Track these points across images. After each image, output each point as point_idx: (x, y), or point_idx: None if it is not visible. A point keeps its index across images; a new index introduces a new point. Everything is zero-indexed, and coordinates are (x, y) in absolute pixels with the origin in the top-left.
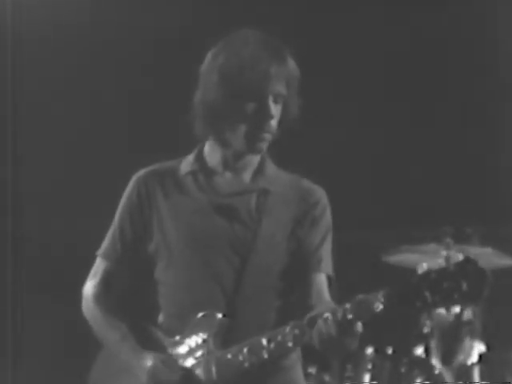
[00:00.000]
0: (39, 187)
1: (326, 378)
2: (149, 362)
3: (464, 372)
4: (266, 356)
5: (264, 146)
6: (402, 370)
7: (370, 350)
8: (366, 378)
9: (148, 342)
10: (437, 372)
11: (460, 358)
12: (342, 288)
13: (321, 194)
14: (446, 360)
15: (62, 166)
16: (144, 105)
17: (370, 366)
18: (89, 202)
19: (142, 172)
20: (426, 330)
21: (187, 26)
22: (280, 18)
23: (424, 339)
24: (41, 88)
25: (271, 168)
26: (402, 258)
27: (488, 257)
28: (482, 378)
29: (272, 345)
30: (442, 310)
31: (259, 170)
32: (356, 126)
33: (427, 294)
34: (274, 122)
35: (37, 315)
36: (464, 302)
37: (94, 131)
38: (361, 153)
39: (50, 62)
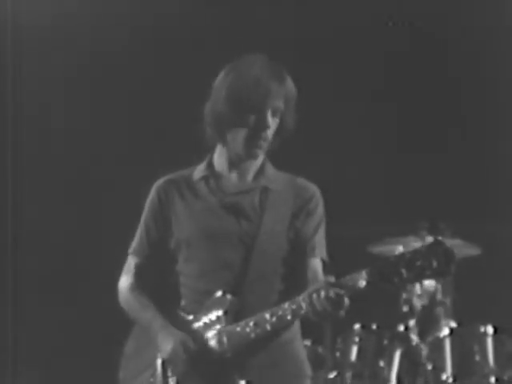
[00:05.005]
0: (39, 187)
1: (320, 349)
2: (169, 345)
3: (437, 344)
4: (269, 328)
5: (259, 152)
6: (385, 342)
7: (357, 326)
8: (354, 349)
9: (173, 319)
10: (414, 344)
11: (434, 332)
12: (334, 273)
13: (314, 189)
14: (422, 334)
15: (61, 166)
16: (143, 106)
17: (357, 339)
18: (88, 203)
19: (161, 180)
20: (405, 309)
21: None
22: (282, 42)
23: (404, 317)
24: (42, 87)
25: (270, 169)
26: (385, 248)
27: (457, 247)
28: (453, 348)
29: (274, 318)
30: (417, 290)
31: (260, 171)
32: (345, 132)
33: (403, 271)
34: (269, 132)
35: (37, 315)
36: (435, 277)
37: (95, 131)
38: (351, 157)
39: (54, 60)
